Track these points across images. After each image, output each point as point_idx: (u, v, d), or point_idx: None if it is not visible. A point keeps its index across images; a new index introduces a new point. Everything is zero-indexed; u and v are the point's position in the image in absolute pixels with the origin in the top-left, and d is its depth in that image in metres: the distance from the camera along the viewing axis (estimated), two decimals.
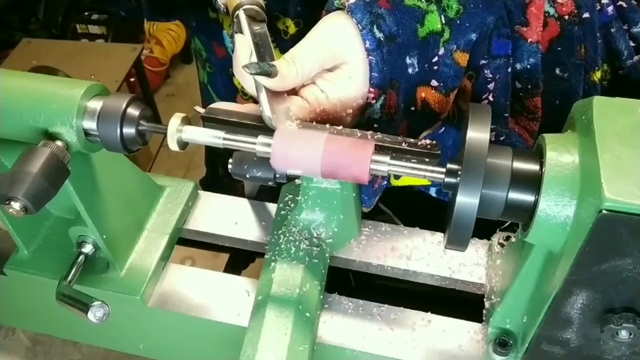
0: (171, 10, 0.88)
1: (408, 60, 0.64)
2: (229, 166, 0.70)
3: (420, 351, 0.65)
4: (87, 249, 0.69)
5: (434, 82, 0.65)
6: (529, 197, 0.50)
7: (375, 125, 0.65)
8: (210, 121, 0.64)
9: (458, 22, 0.64)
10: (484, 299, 0.67)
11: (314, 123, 0.62)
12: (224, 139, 0.59)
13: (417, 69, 0.64)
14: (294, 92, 0.64)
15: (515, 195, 0.51)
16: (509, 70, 0.67)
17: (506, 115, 0.70)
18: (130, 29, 2.85)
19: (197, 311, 0.70)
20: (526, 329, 0.57)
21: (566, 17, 0.67)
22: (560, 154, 0.50)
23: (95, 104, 0.58)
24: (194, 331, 0.73)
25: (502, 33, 0.65)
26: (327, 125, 0.62)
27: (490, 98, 0.68)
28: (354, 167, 0.57)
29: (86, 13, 2.76)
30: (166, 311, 0.71)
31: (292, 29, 0.65)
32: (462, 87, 0.69)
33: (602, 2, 0.68)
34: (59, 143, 0.57)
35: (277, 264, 0.67)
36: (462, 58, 0.65)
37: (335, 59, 0.63)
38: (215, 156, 1.13)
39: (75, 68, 2.12)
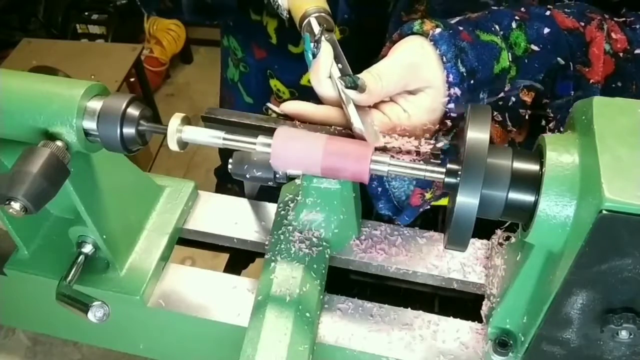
0: (214, 13, 0.88)
1: (481, 96, 0.64)
2: (229, 166, 0.70)
3: (420, 351, 0.65)
4: (87, 249, 0.69)
5: (497, 117, 0.65)
6: (529, 197, 0.50)
7: (442, 156, 0.65)
8: (210, 121, 0.64)
9: (526, 60, 0.64)
10: (484, 299, 0.67)
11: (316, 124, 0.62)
12: (224, 139, 0.59)
13: (485, 104, 0.64)
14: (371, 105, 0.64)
15: (515, 196, 0.51)
16: (570, 110, 0.67)
17: None
18: (130, 29, 2.85)
19: (197, 311, 0.70)
20: (526, 329, 0.57)
21: (621, 53, 0.66)
22: (560, 154, 0.50)
23: (95, 104, 0.58)
24: (194, 331, 0.73)
25: (567, 75, 0.65)
26: (327, 126, 0.62)
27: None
28: (354, 167, 0.57)
29: (86, 13, 2.76)
30: (166, 311, 0.71)
31: (337, 36, 0.65)
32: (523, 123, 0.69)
33: None
34: (59, 143, 0.57)
35: (277, 264, 0.67)
36: (529, 96, 0.65)
37: (419, 82, 0.63)
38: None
39: (75, 68, 2.12)
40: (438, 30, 0.62)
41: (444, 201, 0.78)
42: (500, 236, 0.69)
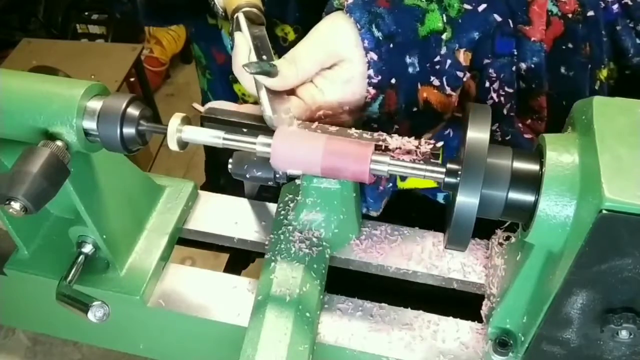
0: (168, 15, 0.88)
1: (408, 60, 0.63)
2: (229, 166, 0.70)
3: (420, 351, 0.65)
4: (87, 249, 0.69)
5: (436, 82, 0.65)
6: (529, 197, 0.50)
7: (375, 125, 0.65)
8: (210, 121, 0.64)
9: (460, 21, 0.63)
10: (484, 299, 0.67)
11: (315, 123, 0.62)
12: (224, 139, 0.59)
13: (418, 69, 0.64)
14: (291, 92, 0.64)
15: (515, 195, 0.51)
16: (513, 69, 0.66)
17: (512, 114, 0.69)
18: (130, 29, 2.85)
19: (197, 311, 0.70)
20: (526, 329, 0.57)
21: (570, 15, 0.66)
22: (560, 154, 0.50)
23: (95, 104, 0.58)
24: (194, 331, 0.73)
25: (505, 31, 0.65)
26: (327, 126, 0.62)
27: (495, 97, 0.67)
28: (354, 167, 0.57)
29: (86, 13, 2.76)
30: (166, 311, 0.71)
31: (292, 36, 0.66)
32: (466, 87, 0.68)
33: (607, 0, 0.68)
34: (59, 143, 0.57)
35: (277, 264, 0.67)
36: (465, 57, 0.64)
37: (334, 57, 0.63)
38: (216, 165, 1.13)
39: (75, 68, 2.12)
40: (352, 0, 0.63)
41: (410, 183, 0.77)
42: (500, 236, 0.69)
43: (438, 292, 0.74)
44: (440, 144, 0.59)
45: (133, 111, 0.59)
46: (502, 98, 0.68)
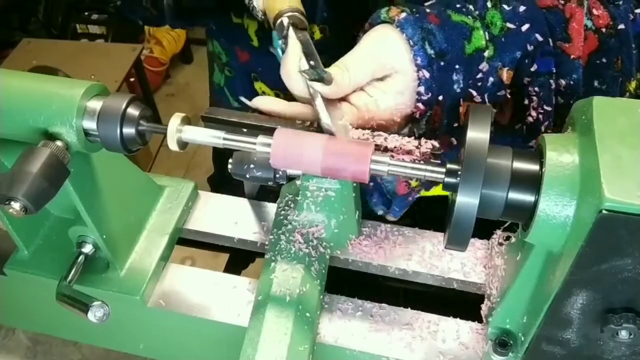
0: (194, 17, 0.88)
1: (454, 77, 0.64)
2: (229, 166, 0.70)
3: (420, 351, 0.65)
4: (87, 249, 0.69)
5: (477, 98, 0.65)
6: (529, 197, 0.50)
7: (404, 135, 0.64)
8: (210, 121, 0.64)
9: (503, 39, 0.64)
10: (484, 299, 0.67)
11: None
12: (224, 139, 0.59)
13: (462, 85, 0.64)
14: (342, 98, 0.64)
15: (515, 195, 0.51)
16: (552, 87, 0.66)
17: (549, 131, 0.69)
18: (130, 29, 2.85)
19: (197, 311, 0.70)
20: (526, 329, 0.57)
21: (603, 29, 0.66)
22: (560, 154, 0.50)
23: (95, 104, 0.58)
24: (194, 331, 0.73)
25: (545, 50, 0.65)
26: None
27: (534, 115, 0.67)
28: (354, 167, 0.57)
29: (86, 13, 2.76)
30: (166, 311, 0.71)
31: (317, 35, 0.66)
32: (502, 103, 0.69)
33: (636, 12, 0.68)
34: (58, 143, 0.57)
35: (277, 264, 0.67)
36: (508, 76, 0.65)
37: (386, 68, 0.63)
38: (223, 155, 1.14)
39: (75, 68, 2.12)
40: (403, 15, 0.63)
41: (434, 191, 0.77)
42: (500, 236, 0.69)
43: (438, 292, 0.74)
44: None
45: (133, 111, 0.59)
46: (540, 116, 0.67)
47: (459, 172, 0.51)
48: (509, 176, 0.51)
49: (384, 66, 0.63)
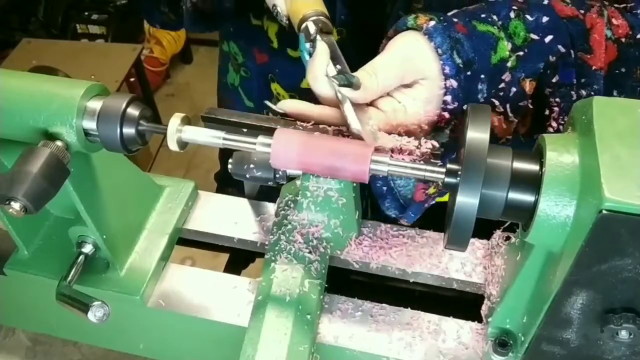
0: (212, 20, 0.88)
1: (479, 87, 0.64)
2: (229, 166, 0.70)
3: (420, 351, 0.65)
4: (87, 249, 0.69)
5: (499, 108, 0.65)
6: (529, 197, 0.50)
7: (442, 149, 0.64)
8: (210, 121, 0.64)
9: (526, 50, 0.63)
10: (484, 299, 0.67)
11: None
12: (224, 139, 0.59)
13: (485, 95, 0.64)
14: (369, 103, 0.64)
15: (515, 196, 0.51)
16: (574, 98, 0.66)
17: None
18: (130, 29, 2.86)
19: (197, 311, 0.70)
20: (526, 329, 0.57)
21: (623, 39, 0.66)
22: (560, 154, 0.50)
23: (95, 104, 0.58)
24: (194, 331, 0.73)
25: (568, 62, 0.65)
26: (327, 126, 0.62)
27: (554, 125, 0.67)
28: (354, 167, 0.57)
29: (86, 13, 2.76)
30: (166, 311, 0.71)
31: (335, 37, 0.66)
32: (525, 112, 0.69)
33: None
34: (58, 143, 0.57)
35: (277, 264, 0.67)
36: (530, 87, 0.64)
37: (415, 74, 0.63)
38: (229, 152, 1.15)
39: (75, 68, 2.12)
40: (432, 23, 0.63)
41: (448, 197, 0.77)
42: (500, 236, 0.69)
43: (438, 292, 0.74)
44: (442, 140, 0.59)
45: (133, 111, 0.59)
46: (561, 127, 0.67)
47: (459, 172, 0.51)
48: (509, 176, 0.51)
49: (413, 72, 0.62)
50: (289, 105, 0.64)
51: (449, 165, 0.54)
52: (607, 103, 0.50)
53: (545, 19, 0.64)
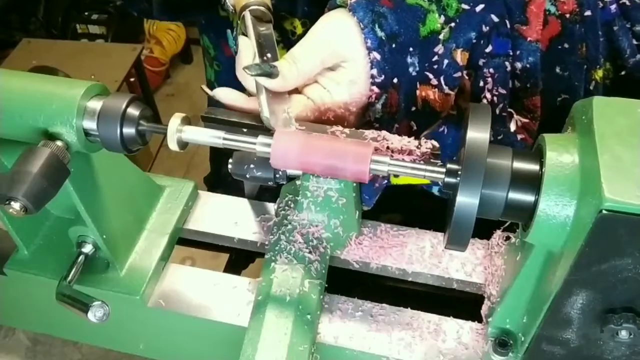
0: (180, 10, 0.89)
1: (409, 60, 0.64)
2: (229, 166, 0.70)
3: (420, 351, 0.65)
4: (87, 249, 0.69)
5: (434, 81, 0.65)
6: (529, 197, 0.50)
7: (376, 125, 0.65)
8: (210, 121, 0.64)
9: (458, 20, 0.64)
10: (484, 299, 0.67)
11: (314, 123, 0.62)
12: (224, 139, 0.59)
13: (417, 68, 0.64)
14: (296, 90, 0.64)
15: (515, 196, 0.51)
16: (508, 69, 0.67)
17: (504, 114, 0.69)
18: (130, 29, 2.85)
19: (197, 311, 0.70)
20: (526, 329, 0.57)
21: (567, 15, 0.66)
22: (560, 154, 0.50)
23: (95, 104, 0.58)
24: (194, 331, 0.73)
25: (502, 32, 0.65)
26: (327, 125, 0.62)
27: (489, 96, 0.67)
28: (354, 167, 0.57)
29: (86, 13, 2.76)
30: (166, 311, 0.71)
31: (300, 29, 0.67)
32: (462, 85, 0.69)
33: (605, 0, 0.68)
34: (59, 143, 0.57)
35: (277, 264, 0.67)
36: (462, 57, 0.64)
37: (336, 57, 0.63)
38: (220, 154, 1.15)
39: (75, 68, 2.12)
40: None
41: (404, 179, 0.77)
42: (500, 236, 0.69)
43: (438, 292, 0.74)
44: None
45: (133, 111, 0.59)
46: (495, 98, 0.68)
47: (459, 172, 0.51)
48: (509, 176, 0.51)
49: (334, 54, 0.63)
50: (223, 93, 0.64)
51: (449, 165, 0.54)
52: (607, 103, 0.50)
53: None
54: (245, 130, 0.63)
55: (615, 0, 0.68)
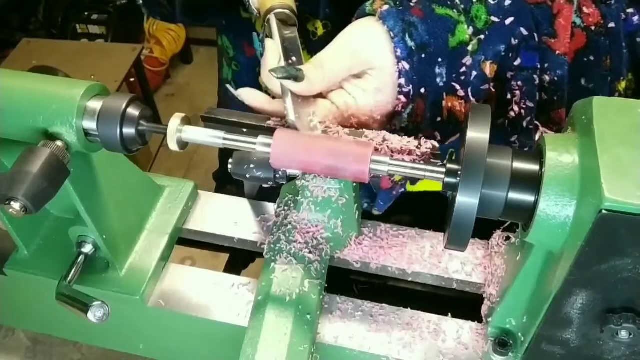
0: (203, 12, 0.89)
1: (437, 70, 0.64)
2: (229, 166, 0.70)
3: (420, 351, 0.65)
4: (87, 249, 0.69)
5: (461, 92, 0.65)
6: (529, 197, 0.50)
7: (402, 134, 0.65)
8: (210, 121, 0.64)
9: (487, 33, 0.64)
10: (484, 299, 0.67)
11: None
12: (224, 139, 0.59)
13: (445, 79, 0.64)
14: (320, 95, 0.64)
15: (515, 196, 0.51)
16: (537, 82, 0.66)
17: (531, 127, 0.69)
18: (130, 29, 2.85)
19: (197, 311, 0.70)
20: (526, 329, 0.57)
21: (592, 27, 0.66)
22: (560, 154, 0.50)
23: (95, 104, 0.58)
24: (194, 331, 0.73)
25: (530, 45, 0.65)
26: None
27: (516, 110, 0.67)
28: (354, 167, 0.57)
29: (86, 13, 2.76)
30: (166, 311, 0.71)
31: (321, 31, 0.66)
32: (487, 97, 0.69)
33: (628, 11, 0.68)
34: (59, 143, 0.57)
35: (277, 264, 0.67)
36: (491, 69, 0.64)
37: (363, 64, 0.63)
38: (229, 150, 1.15)
39: (75, 68, 2.12)
40: (386, 7, 0.63)
41: (421, 186, 0.77)
42: (500, 236, 0.69)
43: (438, 292, 0.74)
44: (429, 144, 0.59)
45: (133, 111, 0.59)
46: (522, 111, 0.67)
47: (459, 172, 0.51)
48: (509, 176, 0.51)
49: (362, 61, 0.63)
50: (246, 94, 0.64)
51: (449, 165, 0.54)
52: (607, 103, 0.50)
53: (507, 2, 0.64)
54: (245, 130, 0.63)
55: (638, 12, 0.68)
